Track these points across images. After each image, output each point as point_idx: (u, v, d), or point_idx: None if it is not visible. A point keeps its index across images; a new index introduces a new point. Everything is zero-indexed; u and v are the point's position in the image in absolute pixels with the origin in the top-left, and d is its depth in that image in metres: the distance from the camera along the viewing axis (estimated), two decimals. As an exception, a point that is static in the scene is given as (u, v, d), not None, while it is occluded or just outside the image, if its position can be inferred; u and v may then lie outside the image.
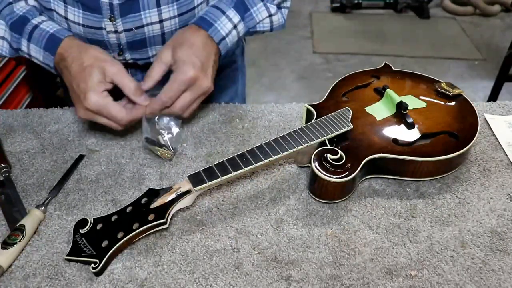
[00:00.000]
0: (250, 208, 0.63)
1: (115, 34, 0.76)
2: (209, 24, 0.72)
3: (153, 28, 0.77)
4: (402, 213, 0.62)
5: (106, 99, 0.66)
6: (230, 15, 0.74)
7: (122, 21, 0.74)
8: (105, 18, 0.73)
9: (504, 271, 0.55)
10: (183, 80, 0.67)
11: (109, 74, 0.67)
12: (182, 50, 0.68)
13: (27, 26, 0.72)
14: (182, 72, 0.67)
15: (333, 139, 0.67)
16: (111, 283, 0.53)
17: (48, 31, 0.71)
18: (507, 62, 2.04)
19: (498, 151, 0.73)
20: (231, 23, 0.74)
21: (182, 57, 0.68)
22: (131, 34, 0.76)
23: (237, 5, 0.75)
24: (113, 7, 0.72)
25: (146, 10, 0.74)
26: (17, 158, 0.71)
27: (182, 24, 0.79)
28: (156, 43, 0.80)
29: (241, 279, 0.54)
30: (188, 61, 0.67)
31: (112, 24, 0.74)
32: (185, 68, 0.67)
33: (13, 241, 0.56)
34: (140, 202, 0.58)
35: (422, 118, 0.70)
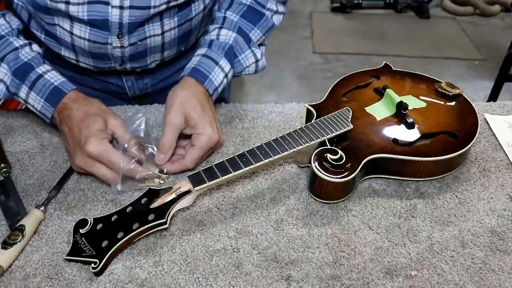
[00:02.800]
0: (250, 208, 0.63)
1: (121, 49, 0.76)
2: (204, 77, 0.73)
3: (155, 40, 0.78)
4: (402, 213, 0.62)
5: (107, 145, 0.64)
6: (222, 65, 0.75)
7: (129, 37, 0.75)
8: (113, 36, 0.73)
9: (504, 271, 0.55)
10: (210, 144, 0.68)
11: (111, 126, 0.67)
12: (195, 112, 0.68)
13: (31, 74, 0.71)
14: (208, 137, 0.68)
15: (333, 139, 0.67)
16: (111, 283, 0.53)
17: (52, 83, 0.70)
18: (507, 62, 2.04)
19: (498, 151, 0.73)
20: (223, 72, 0.75)
21: (199, 120, 0.68)
22: (135, 47, 0.77)
23: (228, 54, 0.76)
24: (122, 26, 0.72)
25: (150, 24, 0.75)
26: (17, 158, 0.71)
27: (181, 33, 0.80)
28: (155, 52, 0.81)
29: (241, 279, 0.54)
30: (206, 123, 0.68)
31: (119, 40, 0.74)
32: (208, 132, 0.68)
33: (13, 241, 0.56)
34: (140, 202, 0.58)
35: (422, 118, 0.70)
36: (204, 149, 0.68)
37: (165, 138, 0.68)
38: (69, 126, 0.67)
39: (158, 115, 0.80)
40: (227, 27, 0.78)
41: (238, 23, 0.78)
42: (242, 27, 0.78)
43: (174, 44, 0.82)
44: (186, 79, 0.73)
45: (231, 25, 0.78)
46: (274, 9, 0.81)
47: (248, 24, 0.79)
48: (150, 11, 0.71)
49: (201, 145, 0.68)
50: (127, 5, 0.69)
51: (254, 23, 0.79)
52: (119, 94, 0.93)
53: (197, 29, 0.85)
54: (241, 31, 0.78)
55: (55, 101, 0.69)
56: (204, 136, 0.68)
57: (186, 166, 0.68)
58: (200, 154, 0.68)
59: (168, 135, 0.68)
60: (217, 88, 0.74)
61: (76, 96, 0.70)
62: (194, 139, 0.68)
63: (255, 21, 0.79)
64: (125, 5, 0.69)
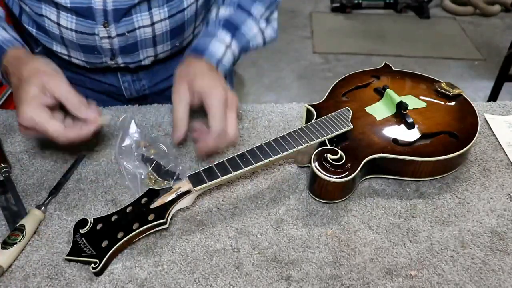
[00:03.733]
0: (250, 208, 0.63)
1: (108, 39, 0.75)
2: (202, 50, 0.72)
3: (145, 31, 0.77)
4: (402, 213, 0.62)
5: (42, 115, 0.58)
6: (220, 36, 0.74)
7: (116, 26, 0.73)
8: (99, 25, 0.72)
9: (504, 271, 0.55)
10: (220, 102, 0.63)
11: (49, 88, 0.59)
12: (201, 80, 0.66)
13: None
14: (215, 95, 0.63)
15: (333, 139, 0.67)
16: (111, 283, 0.53)
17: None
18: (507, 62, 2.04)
19: (498, 151, 0.73)
20: (223, 44, 0.74)
21: (205, 85, 0.65)
22: (124, 38, 0.76)
23: (226, 25, 0.75)
24: (107, 13, 0.71)
25: (138, 14, 0.73)
26: (17, 158, 0.71)
27: (173, 26, 0.79)
28: (147, 46, 0.80)
29: (241, 279, 0.54)
30: (213, 85, 0.65)
31: (105, 30, 0.73)
32: (215, 91, 0.64)
33: (13, 241, 0.56)
34: (140, 202, 0.58)
35: (422, 118, 0.70)
36: (218, 107, 0.63)
37: (175, 113, 0.65)
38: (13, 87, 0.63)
39: (158, 115, 0.80)
40: (226, 4, 0.77)
41: (237, 1, 0.77)
42: (241, 3, 0.77)
43: (166, 38, 0.81)
44: (186, 59, 0.71)
45: (230, 3, 0.77)
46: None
47: (247, 1, 0.78)
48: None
49: (211, 104, 0.63)
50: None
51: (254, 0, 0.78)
52: (116, 95, 0.92)
53: (191, 22, 0.83)
54: (240, 6, 0.77)
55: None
56: (212, 96, 0.63)
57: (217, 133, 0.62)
58: (219, 113, 0.62)
59: (177, 109, 0.65)
60: (221, 59, 0.72)
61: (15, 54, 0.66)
62: (206, 100, 0.63)
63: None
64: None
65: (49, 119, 0.59)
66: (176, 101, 0.65)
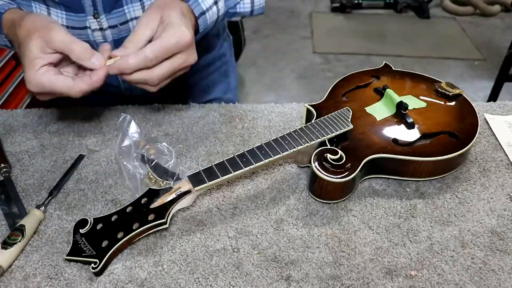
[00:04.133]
0: (250, 208, 0.63)
1: (101, 31, 0.73)
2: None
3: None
4: (402, 213, 0.62)
5: (46, 75, 0.56)
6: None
7: (107, 17, 0.72)
8: (89, 16, 0.71)
9: (504, 271, 0.55)
10: (179, 41, 0.57)
11: (48, 43, 0.56)
12: (174, 13, 0.60)
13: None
14: (179, 32, 0.57)
15: (333, 139, 0.67)
16: (111, 283, 0.53)
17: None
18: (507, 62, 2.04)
19: (498, 151, 0.73)
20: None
21: (176, 19, 0.59)
22: (116, 31, 0.74)
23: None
24: (95, 2, 0.69)
25: (129, 5, 0.72)
26: (17, 158, 0.71)
27: None
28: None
29: (241, 279, 0.54)
30: (183, 24, 0.59)
31: (96, 21, 0.71)
32: (183, 29, 0.58)
33: (13, 241, 0.56)
34: (140, 202, 0.58)
35: (422, 118, 0.70)
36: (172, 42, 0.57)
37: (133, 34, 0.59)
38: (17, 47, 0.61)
39: (158, 115, 0.81)
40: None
41: None
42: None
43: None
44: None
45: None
46: None
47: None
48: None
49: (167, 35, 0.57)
50: None
51: None
52: (116, 96, 0.91)
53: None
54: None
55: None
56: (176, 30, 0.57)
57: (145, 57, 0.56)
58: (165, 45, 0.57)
59: (136, 32, 0.59)
60: (205, 12, 0.66)
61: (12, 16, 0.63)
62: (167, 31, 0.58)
63: None
64: None
65: (55, 78, 0.57)
66: (139, 25, 0.60)
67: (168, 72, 0.59)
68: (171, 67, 0.59)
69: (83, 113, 0.80)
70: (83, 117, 0.80)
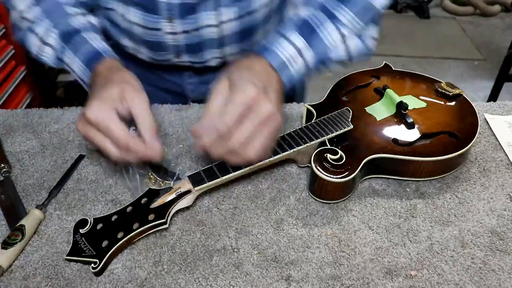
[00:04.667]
0: (250, 208, 0.63)
1: (173, 35, 0.73)
2: (267, 49, 0.63)
3: (211, 31, 0.73)
4: (402, 213, 0.62)
5: (110, 113, 0.56)
6: (291, 37, 0.63)
7: (181, 23, 0.71)
8: (163, 19, 0.71)
9: (504, 271, 0.55)
10: (243, 100, 0.53)
11: (128, 99, 0.57)
12: (239, 73, 0.58)
13: (76, 38, 0.68)
14: (241, 91, 0.54)
15: (333, 139, 0.67)
16: (111, 283, 0.53)
17: (95, 48, 0.67)
18: (507, 62, 2.04)
19: (498, 151, 0.73)
20: (293, 47, 0.63)
21: (240, 78, 0.56)
22: (189, 36, 0.74)
23: (301, 28, 0.64)
24: (171, 6, 0.69)
25: (203, 12, 0.71)
26: (17, 158, 0.71)
27: (242, 27, 0.75)
28: (213, 46, 0.77)
29: (241, 279, 0.54)
30: (247, 80, 0.55)
31: (170, 24, 0.71)
32: (244, 86, 0.54)
33: (13, 241, 0.56)
34: (140, 202, 0.58)
35: (422, 118, 0.70)
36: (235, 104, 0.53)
37: (206, 104, 0.57)
38: (90, 93, 0.63)
39: (158, 115, 0.80)
40: (306, 4, 0.67)
41: (322, 2, 0.66)
42: (326, 5, 0.65)
43: (234, 39, 0.76)
44: (248, 54, 0.63)
45: (311, 3, 0.66)
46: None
47: (334, 2, 0.66)
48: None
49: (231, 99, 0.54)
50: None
51: (343, 2, 0.66)
52: (179, 95, 0.91)
53: (263, 25, 0.78)
54: (323, 7, 0.65)
55: (92, 66, 0.66)
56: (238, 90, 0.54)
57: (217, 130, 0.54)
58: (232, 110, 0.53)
59: (209, 100, 0.57)
60: (285, 63, 0.62)
61: (112, 64, 0.66)
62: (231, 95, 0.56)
63: (344, 1, 0.66)
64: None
65: (116, 120, 0.56)
66: (211, 93, 0.58)
67: (247, 134, 0.53)
68: (247, 129, 0.54)
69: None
70: (83, 117, 0.80)
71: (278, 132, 0.57)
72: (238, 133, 0.53)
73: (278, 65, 0.61)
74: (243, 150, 0.54)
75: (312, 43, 0.64)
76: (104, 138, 0.56)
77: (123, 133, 0.56)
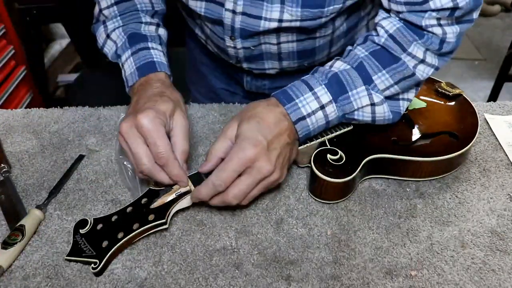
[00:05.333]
0: (250, 208, 0.63)
1: (234, 49, 0.75)
2: (289, 99, 0.61)
3: (270, 48, 0.75)
4: (402, 213, 0.62)
5: (161, 127, 0.58)
6: (318, 92, 0.61)
7: (241, 41, 0.73)
8: (226, 36, 0.73)
9: (504, 271, 0.55)
10: (240, 159, 0.55)
11: (175, 119, 0.61)
12: (247, 124, 0.58)
13: (141, 43, 0.71)
14: (240, 149, 0.56)
15: (333, 139, 0.67)
16: (111, 283, 0.53)
17: (152, 57, 0.69)
18: (507, 62, 2.04)
19: (498, 151, 0.73)
20: (317, 102, 0.61)
21: (245, 132, 0.57)
22: (249, 50, 0.75)
23: (331, 83, 0.62)
24: (234, 29, 0.71)
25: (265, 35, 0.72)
26: (17, 158, 0.71)
27: (301, 48, 0.75)
28: (272, 59, 0.78)
29: (241, 279, 0.54)
30: (250, 137, 0.56)
31: (232, 41, 0.73)
32: (244, 144, 0.56)
33: (13, 241, 0.56)
34: (140, 203, 0.58)
35: (422, 118, 0.70)
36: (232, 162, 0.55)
37: (212, 146, 0.60)
38: (138, 97, 0.64)
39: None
40: (346, 60, 0.64)
41: (361, 59, 0.63)
42: (364, 64, 0.63)
43: (293, 56, 0.77)
44: (269, 98, 0.63)
45: (351, 59, 0.63)
46: (419, 57, 0.62)
47: (375, 64, 0.63)
48: (260, 23, 0.67)
49: (229, 155, 0.56)
50: (239, 10, 0.67)
51: (384, 65, 0.62)
52: (235, 84, 0.93)
53: (324, 49, 0.78)
54: (361, 67, 0.63)
55: (143, 72, 0.68)
56: (237, 147, 0.56)
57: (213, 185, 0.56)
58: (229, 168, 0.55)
59: (216, 143, 0.60)
60: (305, 117, 0.60)
61: (164, 79, 0.68)
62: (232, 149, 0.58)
63: (386, 63, 0.62)
64: (237, 10, 0.67)
65: (164, 134, 0.58)
66: (219, 136, 0.61)
67: (242, 190, 0.56)
68: (243, 185, 0.56)
69: (83, 113, 0.80)
70: (83, 117, 0.80)
71: (274, 185, 0.60)
72: (233, 188, 0.56)
73: (296, 118, 0.60)
74: (236, 201, 0.57)
75: (339, 101, 0.62)
76: (143, 146, 0.57)
77: (168, 148, 0.57)
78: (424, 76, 0.65)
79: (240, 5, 0.67)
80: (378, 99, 0.63)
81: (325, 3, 0.65)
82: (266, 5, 0.66)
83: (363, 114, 0.64)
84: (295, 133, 0.61)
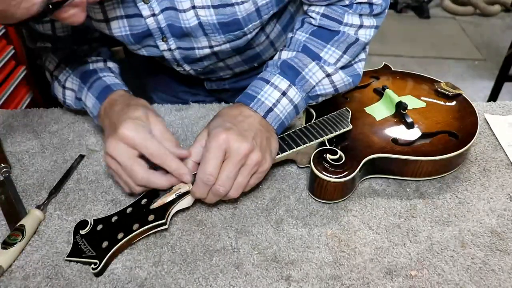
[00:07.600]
0: (250, 208, 0.63)
1: (184, 71, 0.78)
2: (251, 98, 0.63)
3: (217, 64, 0.78)
4: (402, 213, 0.62)
5: (145, 132, 0.58)
6: (275, 82, 0.64)
7: (189, 66, 0.76)
8: (173, 65, 0.75)
9: (504, 271, 0.55)
10: (215, 146, 0.56)
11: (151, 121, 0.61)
12: (214, 122, 0.61)
13: (93, 77, 0.71)
14: (213, 137, 0.56)
15: (333, 139, 0.67)
16: (111, 283, 0.53)
17: (106, 83, 0.70)
18: (507, 62, 2.04)
19: (498, 151, 0.73)
20: (277, 90, 0.63)
21: (213, 126, 0.59)
22: (200, 71, 0.78)
23: (284, 70, 0.65)
24: (177, 60, 0.74)
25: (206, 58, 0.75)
26: (17, 158, 0.71)
27: (245, 57, 0.80)
28: (223, 70, 0.82)
29: (241, 279, 0.54)
30: (219, 126, 0.58)
31: (181, 67, 0.76)
32: (215, 132, 0.57)
33: (13, 241, 0.56)
34: (140, 203, 0.58)
35: (421, 118, 0.70)
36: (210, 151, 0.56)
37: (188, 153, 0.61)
38: (108, 119, 0.64)
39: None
40: (291, 48, 0.67)
41: (304, 42, 0.66)
42: (308, 45, 0.66)
43: (241, 64, 0.82)
44: (235, 104, 0.65)
45: (295, 45, 0.67)
46: (357, 23, 0.67)
47: (318, 42, 0.66)
48: (195, 52, 0.72)
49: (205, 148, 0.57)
50: (174, 47, 0.71)
51: (326, 41, 0.66)
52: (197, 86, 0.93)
53: (267, 50, 0.82)
54: (306, 49, 0.66)
55: (103, 97, 0.68)
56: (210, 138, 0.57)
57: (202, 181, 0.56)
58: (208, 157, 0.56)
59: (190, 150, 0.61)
60: (272, 108, 0.63)
61: (124, 93, 0.69)
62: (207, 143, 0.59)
63: (328, 39, 0.66)
64: (172, 47, 0.71)
65: (152, 138, 0.58)
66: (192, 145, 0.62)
67: (228, 173, 0.56)
68: (228, 171, 0.56)
69: (83, 113, 0.80)
70: (83, 117, 0.80)
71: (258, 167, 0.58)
72: (220, 176, 0.56)
73: (264, 111, 0.62)
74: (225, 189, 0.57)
75: (297, 83, 0.65)
76: (135, 158, 0.58)
77: (160, 146, 0.57)
78: (368, 38, 0.69)
79: (173, 44, 0.70)
80: (331, 69, 0.66)
81: (242, 24, 0.67)
82: (194, 39, 0.69)
83: (324, 87, 0.67)
84: (268, 125, 0.62)
